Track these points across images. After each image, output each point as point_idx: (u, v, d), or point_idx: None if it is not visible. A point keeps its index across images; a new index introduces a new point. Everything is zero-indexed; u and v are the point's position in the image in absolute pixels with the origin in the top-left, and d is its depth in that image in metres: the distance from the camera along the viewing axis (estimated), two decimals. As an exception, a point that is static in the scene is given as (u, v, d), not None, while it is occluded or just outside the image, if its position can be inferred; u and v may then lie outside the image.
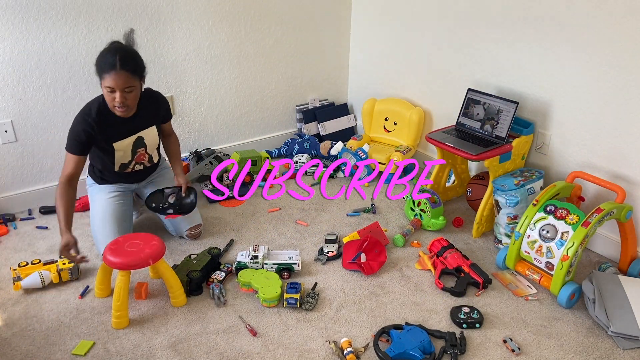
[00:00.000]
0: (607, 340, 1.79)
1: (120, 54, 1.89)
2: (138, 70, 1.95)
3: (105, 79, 1.88)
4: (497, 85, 2.54)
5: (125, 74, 1.88)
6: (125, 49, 1.95)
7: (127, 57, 1.91)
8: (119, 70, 1.86)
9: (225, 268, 2.10)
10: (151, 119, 2.15)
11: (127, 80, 1.89)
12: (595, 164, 2.23)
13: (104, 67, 1.88)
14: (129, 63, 1.90)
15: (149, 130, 2.15)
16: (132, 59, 1.93)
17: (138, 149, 2.14)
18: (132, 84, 1.91)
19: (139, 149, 2.15)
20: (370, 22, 3.19)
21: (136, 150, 2.14)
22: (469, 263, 2.10)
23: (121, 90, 1.90)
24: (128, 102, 1.94)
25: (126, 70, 1.88)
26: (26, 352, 1.70)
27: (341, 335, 1.79)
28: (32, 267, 1.99)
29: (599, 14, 2.06)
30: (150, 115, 2.14)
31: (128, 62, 1.89)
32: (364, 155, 2.91)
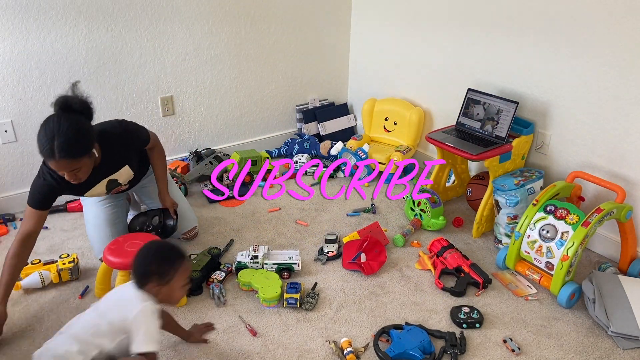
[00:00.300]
0: (607, 340, 1.79)
1: (58, 140, 1.64)
2: (81, 152, 1.72)
3: (50, 162, 1.70)
4: (497, 85, 2.54)
5: (67, 161, 1.68)
6: (64, 130, 1.66)
7: (66, 143, 1.66)
8: (59, 159, 1.67)
9: (225, 268, 2.10)
10: (121, 161, 1.99)
11: (70, 165, 1.70)
12: (595, 164, 2.23)
13: (43, 152, 1.68)
14: (68, 150, 1.67)
15: (121, 172, 2.01)
16: (73, 144, 1.68)
17: (113, 187, 2.04)
18: (77, 166, 1.72)
19: (114, 188, 2.04)
20: (370, 22, 3.19)
21: (111, 188, 2.04)
22: (469, 263, 2.10)
23: (68, 172, 1.73)
24: (79, 177, 1.78)
25: (67, 158, 1.68)
26: (26, 352, 1.70)
27: (341, 335, 1.79)
28: (32, 267, 1.99)
29: (599, 14, 2.06)
30: (117, 159, 1.98)
31: (67, 149, 1.66)
32: (364, 155, 2.91)
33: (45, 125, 1.68)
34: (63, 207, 2.55)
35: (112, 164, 1.96)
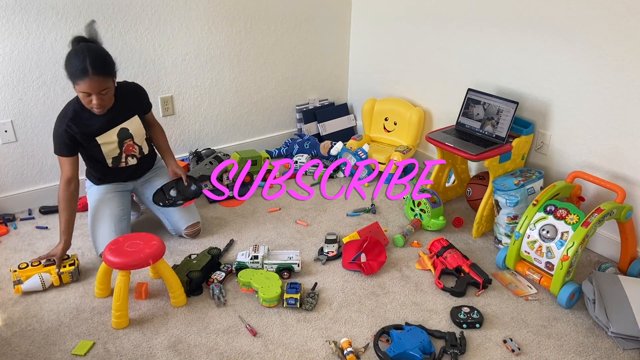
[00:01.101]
0: (607, 340, 1.79)
1: (90, 58, 1.84)
2: (110, 71, 1.92)
3: (79, 84, 1.86)
4: (497, 85, 2.54)
5: (99, 78, 1.86)
6: (93, 50, 1.88)
7: (97, 60, 1.86)
8: (92, 75, 1.84)
9: (225, 268, 2.10)
10: (131, 110, 2.14)
11: (101, 84, 1.87)
12: (595, 164, 2.23)
13: (75, 74, 1.84)
14: (100, 66, 1.86)
15: (132, 120, 2.13)
16: (103, 61, 1.89)
17: (125, 140, 2.13)
18: (106, 86, 1.90)
19: (125, 140, 2.13)
20: (370, 22, 3.19)
21: (123, 142, 2.13)
22: (469, 263, 2.10)
23: (97, 93, 1.88)
24: (104, 103, 1.95)
25: (99, 75, 1.85)
26: (26, 352, 1.70)
27: (341, 335, 1.79)
28: (32, 270, 1.98)
29: (599, 14, 2.06)
30: (129, 106, 2.13)
31: (99, 65, 1.86)
32: (364, 155, 2.91)
33: (74, 51, 1.87)
34: (63, 207, 2.55)
35: (124, 110, 2.10)
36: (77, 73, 1.83)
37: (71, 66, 1.85)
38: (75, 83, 1.87)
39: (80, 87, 1.86)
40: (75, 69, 1.83)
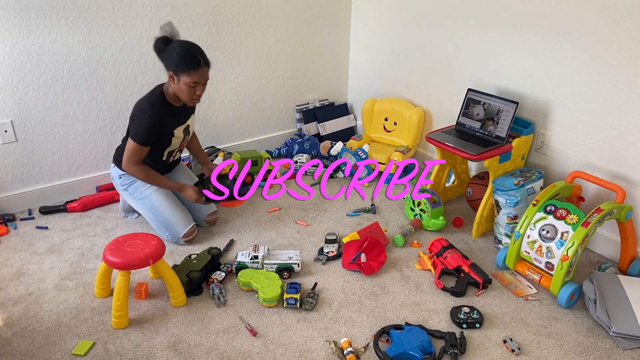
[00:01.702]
0: (607, 340, 1.79)
1: (198, 51, 2.07)
2: (210, 63, 2.12)
3: (191, 75, 2.03)
4: (497, 85, 2.54)
5: (207, 69, 2.09)
6: (196, 45, 2.10)
7: (204, 53, 2.09)
8: (204, 66, 2.06)
9: (225, 268, 2.10)
10: (191, 110, 2.34)
11: (208, 74, 2.10)
12: (595, 164, 2.23)
13: (188, 65, 2.02)
14: (208, 60, 2.09)
15: (191, 118, 2.35)
16: (206, 55, 2.09)
17: (186, 136, 2.33)
18: (208, 76, 2.12)
19: (185, 136, 2.33)
20: (370, 22, 3.19)
21: (184, 137, 2.32)
22: (469, 263, 2.10)
23: (203, 84, 2.10)
24: (201, 93, 2.14)
25: (207, 66, 2.08)
26: (26, 352, 1.70)
27: (341, 335, 1.79)
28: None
29: (599, 14, 2.06)
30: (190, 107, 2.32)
31: (207, 59, 2.09)
32: (364, 155, 2.91)
33: (178, 45, 2.05)
34: (63, 207, 2.55)
35: (189, 108, 2.30)
36: (190, 64, 2.02)
37: (185, 58, 2.03)
38: (187, 74, 2.03)
39: (191, 78, 2.04)
40: (189, 61, 2.02)
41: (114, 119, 2.66)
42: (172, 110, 2.19)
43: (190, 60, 2.03)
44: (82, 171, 2.68)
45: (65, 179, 2.64)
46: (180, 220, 2.26)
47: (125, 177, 2.30)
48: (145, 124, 2.11)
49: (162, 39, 2.09)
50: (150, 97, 2.17)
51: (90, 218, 2.51)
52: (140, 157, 2.16)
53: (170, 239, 2.29)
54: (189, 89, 2.08)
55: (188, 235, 2.27)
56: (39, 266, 2.14)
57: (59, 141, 2.55)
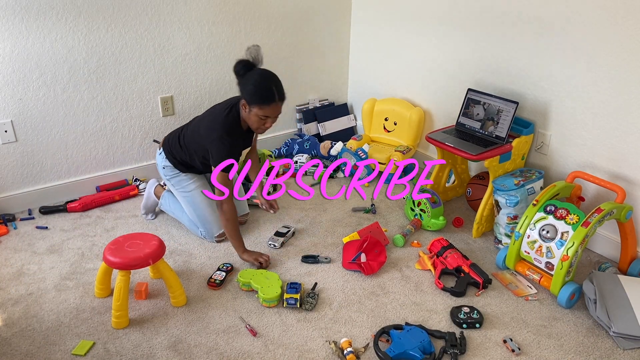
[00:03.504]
0: (607, 340, 1.79)
1: (276, 85, 2.02)
2: (285, 97, 2.08)
3: (263, 109, 2.00)
4: (497, 85, 2.54)
5: (281, 104, 2.04)
6: (276, 78, 2.04)
7: (281, 87, 2.04)
8: (278, 101, 2.02)
9: (225, 268, 2.10)
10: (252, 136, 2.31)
11: (280, 109, 2.06)
12: (595, 164, 2.23)
13: (263, 98, 1.98)
14: (284, 95, 2.05)
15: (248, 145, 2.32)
16: (283, 91, 2.05)
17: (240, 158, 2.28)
18: (281, 111, 2.08)
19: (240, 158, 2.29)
20: (370, 22, 3.19)
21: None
22: (469, 263, 2.10)
23: (275, 117, 2.06)
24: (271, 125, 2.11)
25: (282, 101, 2.04)
26: (26, 352, 1.70)
27: (341, 335, 1.79)
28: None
29: (599, 14, 2.06)
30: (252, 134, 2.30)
31: (283, 93, 2.04)
32: (364, 155, 2.91)
33: (257, 76, 2.01)
34: (63, 207, 2.55)
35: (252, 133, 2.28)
36: (266, 98, 1.98)
37: (260, 91, 1.99)
38: (259, 106, 2.00)
39: (264, 111, 2.01)
40: (264, 94, 1.98)
41: (114, 119, 2.66)
42: (241, 132, 2.17)
43: (264, 94, 1.99)
44: (82, 171, 2.68)
45: (65, 179, 2.64)
46: (218, 220, 2.27)
47: (169, 168, 2.33)
48: (223, 149, 2.08)
49: (243, 63, 2.03)
50: (226, 122, 2.11)
51: (90, 218, 2.51)
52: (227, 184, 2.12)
53: (202, 235, 2.32)
54: (259, 121, 2.05)
55: (221, 235, 2.31)
56: (39, 266, 2.14)
57: (59, 141, 2.55)
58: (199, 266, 2.16)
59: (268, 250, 2.27)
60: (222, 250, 2.28)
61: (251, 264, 2.15)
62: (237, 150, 2.18)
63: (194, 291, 2.01)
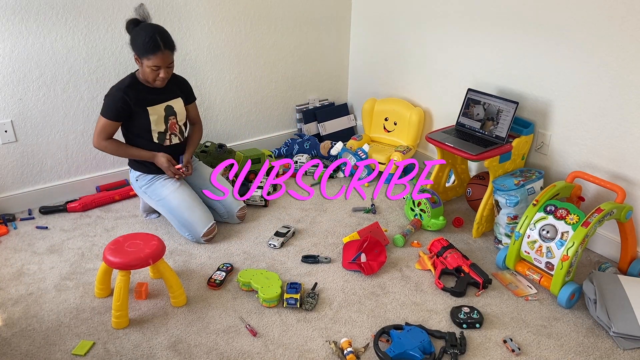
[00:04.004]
0: (607, 340, 1.79)
1: (160, 34, 2.08)
2: (174, 46, 2.15)
3: (150, 59, 2.08)
4: (497, 85, 2.54)
5: (169, 52, 2.11)
6: (160, 28, 2.12)
7: (166, 36, 2.11)
8: (164, 49, 2.08)
9: (225, 268, 2.10)
10: (177, 92, 2.34)
11: (169, 57, 2.13)
12: (595, 164, 2.23)
13: (148, 49, 2.06)
14: (169, 42, 2.11)
15: (177, 101, 2.33)
16: (169, 38, 2.12)
17: (169, 116, 2.30)
18: (171, 59, 2.15)
19: (170, 117, 2.30)
20: (370, 22, 3.19)
21: (168, 118, 2.30)
22: (469, 263, 2.10)
23: (165, 67, 2.13)
24: (167, 75, 2.17)
25: (169, 49, 2.11)
26: (26, 352, 1.70)
27: (341, 335, 1.79)
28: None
29: (599, 14, 2.06)
30: (177, 89, 2.34)
31: (168, 41, 2.11)
32: (364, 155, 2.91)
33: (143, 29, 2.08)
34: (63, 207, 2.55)
35: (172, 91, 2.31)
36: (150, 48, 2.06)
37: (142, 42, 2.06)
38: (147, 57, 2.08)
39: (152, 61, 2.08)
40: (148, 44, 2.06)
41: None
42: (144, 88, 2.21)
43: (150, 44, 2.06)
44: (82, 171, 2.68)
45: (65, 179, 2.64)
46: (200, 219, 2.26)
47: (141, 179, 2.33)
48: (111, 99, 2.17)
49: (132, 21, 2.14)
50: (120, 81, 2.22)
51: (90, 218, 2.51)
52: (110, 132, 2.20)
53: (191, 239, 2.30)
54: (152, 72, 2.12)
55: (208, 234, 2.28)
56: (39, 266, 2.14)
57: (59, 141, 2.55)
58: (199, 266, 2.16)
59: (268, 250, 2.27)
60: (222, 250, 2.28)
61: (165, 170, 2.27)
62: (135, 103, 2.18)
63: (194, 291, 2.01)
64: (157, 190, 2.31)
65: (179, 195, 2.28)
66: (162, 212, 2.35)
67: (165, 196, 2.29)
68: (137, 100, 2.19)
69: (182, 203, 2.27)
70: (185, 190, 2.32)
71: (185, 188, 2.32)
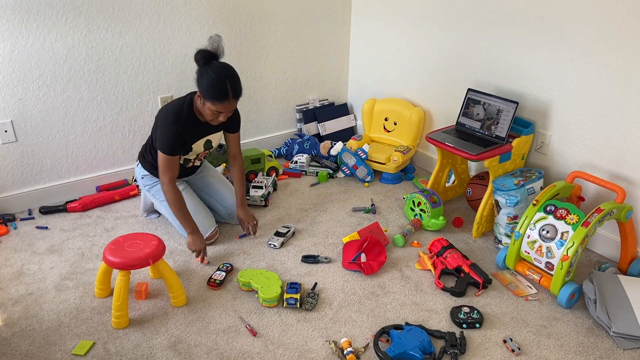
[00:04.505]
0: (607, 340, 1.79)
1: (231, 82, 1.99)
2: (241, 94, 2.07)
3: (216, 105, 2.00)
4: (497, 85, 2.54)
5: (235, 102, 2.04)
6: (234, 74, 2.03)
7: (237, 86, 2.03)
8: (231, 99, 2.01)
9: (225, 268, 2.10)
10: (221, 127, 2.27)
11: (234, 105, 2.06)
12: (595, 164, 2.23)
13: (215, 95, 1.98)
14: (239, 92, 2.04)
15: (217, 134, 2.29)
16: (240, 88, 2.05)
17: (206, 149, 2.28)
18: (235, 106, 2.09)
19: (205, 150, 2.29)
20: (370, 22, 3.19)
21: (205, 149, 2.28)
22: (469, 263, 2.10)
23: (228, 112, 2.06)
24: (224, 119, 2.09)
25: (236, 98, 2.04)
26: (26, 352, 1.70)
27: (341, 335, 1.79)
28: None
29: (599, 14, 2.06)
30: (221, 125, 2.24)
31: (238, 91, 2.03)
32: (364, 155, 2.91)
33: (212, 71, 1.98)
34: (63, 207, 2.55)
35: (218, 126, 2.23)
36: (218, 96, 1.98)
37: (211, 85, 1.97)
38: (212, 102, 2.00)
39: (216, 107, 2.01)
40: (217, 91, 1.97)
41: (114, 119, 2.66)
42: (196, 121, 2.14)
43: (219, 91, 1.97)
44: (82, 171, 2.68)
45: (65, 179, 2.64)
46: (203, 223, 2.25)
47: (147, 177, 2.32)
48: (170, 134, 2.07)
49: (203, 53, 2.01)
50: (176, 105, 2.12)
51: (90, 218, 2.51)
52: (172, 165, 2.11)
53: None
54: (212, 114, 2.05)
55: (210, 238, 2.28)
56: (39, 266, 2.14)
57: (59, 141, 2.55)
58: (199, 266, 2.16)
59: (268, 250, 2.27)
60: (222, 250, 2.28)
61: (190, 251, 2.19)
62: (186, 139, 2.14)
63: (194, 291, 2.01)
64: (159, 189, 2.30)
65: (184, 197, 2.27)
66: (164, 213, 2.35)
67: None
68: (188, 134, 2.14)
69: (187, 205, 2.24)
70: (190, 193, 2.31)
71: (189, 191, 2.32)
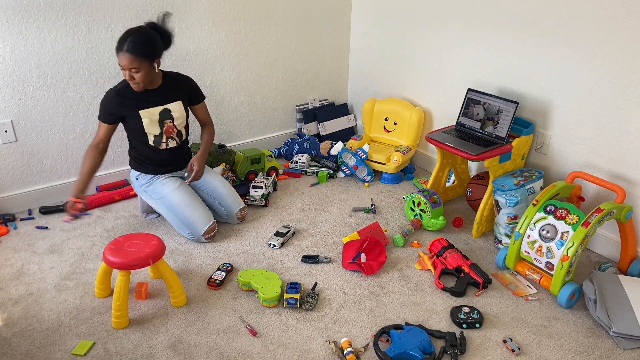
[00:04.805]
0: (607, 340, 1.79)
1: (132, 37, 2.04)
2: (144, 53, 2.06)
3: (117, 57, 2.07)
4: (497, 85, 2.54)
5: (130, 56, 2.03)
6: (140, 32, 2.08)
7: (136, 40, 2.04)
8: (124, 52, 2.03)
9: (225, 268, 2.10)
10: (176, 95, 2.30)
11: (131, 61, 2.04)
12: (595, 164, 2.23)
13: (116, 47, 2.06)
14: (135, 47, 2.03)
15: (175, 104, 2.29)
16: (140, 43, 2.05)
17: (165, 120, 2.26)
18: (136, 65, 2.05)
19: (165, 121, 2.26)
20: (370, 22, 3.19)
21: (163, 122, 2.26)
22: (469, 263, 2.10)
23: (128, 69, 2.06)
24: (137, 80, 2.10)
25: (130, 53, 2.03)
26: (26, 352, 1.70)
27: (341, 335, 1.79)
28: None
29: (599, 14, 2.06)
30: (175, 92, 2.29)
31: (135, 45, 2.03)
32: (364, 155, 2.91)
33: (133, 28, 2.09)
34: (63, 207, 2.55)
35: (170, 94, 2.27)
36: (116, 47, 2.06)
37: (118, 40, 2.06)
38: (117, 56, 2.07)
39: (119, 60, 2.06)
40: (118, 43, 2.05)
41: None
42: (135, 93, 2.18)
43: (118, 42, 2.05)
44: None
45: (65, 179, 2.64)
46: (200, 217, 2.26)
47: (141, 178, 2.33)
48: (101, 101, 2.19)
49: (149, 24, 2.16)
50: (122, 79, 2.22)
51: (91, 218, 2.51)
52: (101, 134, 2.20)
53: (191, 237, 2.30)
54: (122, 71, 2.10)
55: (209, 232, 2.28)
56: (39, 266, 2.14)
57: (59, 141, 2.55)
58: (199, 266, 2.16)
59: (268, 250, 2.27)
60: (222, 250, 2.28)
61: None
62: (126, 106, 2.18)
63: (194, 291, 2.01)
64: (158, 188, 2.31)
65: (179, 193, 2.28)
66: (161, 211, 2.35)
67: (165, 194, 2.29)
68: (130, 103, 2.18)
69: (183, 201, 2.27)
70: (186, 189, 2.32)
71: (185, 187, 2.32)
